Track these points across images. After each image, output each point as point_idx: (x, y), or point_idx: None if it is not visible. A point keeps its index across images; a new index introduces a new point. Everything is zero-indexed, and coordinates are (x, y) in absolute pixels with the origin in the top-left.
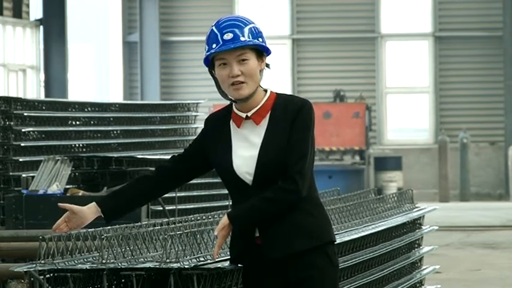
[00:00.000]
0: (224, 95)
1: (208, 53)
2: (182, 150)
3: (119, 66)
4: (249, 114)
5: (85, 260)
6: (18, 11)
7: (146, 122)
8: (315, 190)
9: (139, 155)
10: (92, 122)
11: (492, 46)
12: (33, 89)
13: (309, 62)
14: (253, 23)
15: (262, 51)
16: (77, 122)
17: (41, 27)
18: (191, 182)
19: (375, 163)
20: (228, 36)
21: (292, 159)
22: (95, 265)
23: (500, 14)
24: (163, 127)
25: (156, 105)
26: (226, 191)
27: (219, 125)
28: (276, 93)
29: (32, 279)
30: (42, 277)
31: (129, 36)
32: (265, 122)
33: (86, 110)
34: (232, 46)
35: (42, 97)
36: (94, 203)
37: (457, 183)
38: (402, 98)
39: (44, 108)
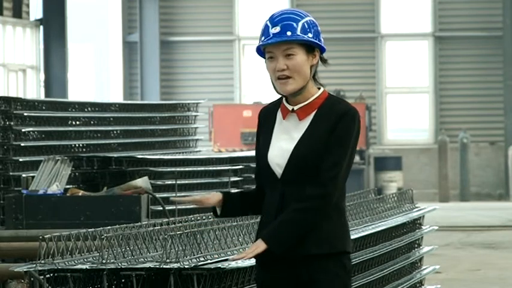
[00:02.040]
0: (275, 87)
1: (258, 45)
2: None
3: (119, 66)
4: (295, 108)
5: (85, 260)
6: (18, 11)
7: (146, 122)
8: (343, 199)
9: (139, 155)
10: (92, 122)
11: (492, 46)
12: (33, 89)
13: None
14: (307, 17)
15: (313, 47)
16: (77, 122)
17: (41, 27)
18: (191, 182)
19: (375, 163)
20: (276, 29)
21: (326, 165)
22: (95, 265)
23: (500, 14)
24: (163, 127)
25: (156, 105)
26: (226, 191)
27: (268, 116)
28: (329, 93)
29: (32, 279)
30: (42, 277)
31: (129, 36)
32: (308, 119)
33: (86, 110)
34: (278, 40)
35: (42, 97)
36: (220, 193)
37: (457, 183)
38: (402, 98)
39: (44, 108)
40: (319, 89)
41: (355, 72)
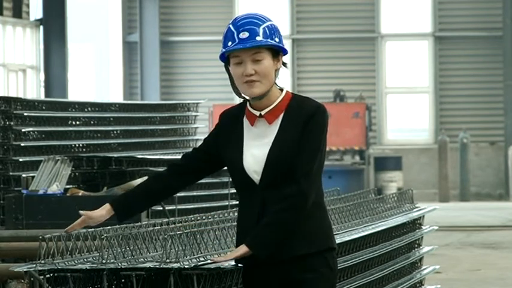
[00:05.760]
0: (238, 92)
1: (223, 50)
2: (186, 150)
3: (119, 66)
4: (263, 112)
5: (85, 260)
6: (18, 11)
7: (146, 122)
8: (321, 195)
9: (139, 155)
10: (92, 122)
11: (492, 46)
12: (33, 89)
13: (309, 62)
14: (270, 21)
15: (278, 51)
16: (77, 122)
17: (41, 27)
18: None
19: (375, 163)
20: (244, 35)
21: (299, 163)
22: (95, 265)
23: (500, 14)
24: (163, 127)
25: (156, 105)
26: (226, 191)
27: (233, 122)
28: (292, 93)
29: (32, 279)
30: (42, 277)
31: (129, 36)
32: (277, 122)
33: (86, 110)
34: (247, 46)
35: (42, 97)
36: (108, 203)
37: (457, 183)
38: (402, 98)
39: (44, 108)
40: (281, 90)
41: (355, 72)
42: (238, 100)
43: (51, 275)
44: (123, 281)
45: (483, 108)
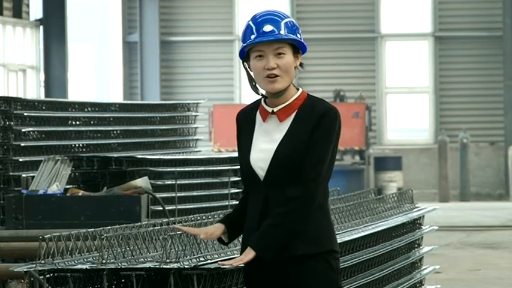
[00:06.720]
0: (255, 89)
1: (246, 43)
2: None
3: (119, 66)
4: (275, 109)
5: (85, 260)
6: (18, 11)
7: (146, 122)
8: (326, 198)
9: (139, 155)
10: (92, 122)
11: (492, 46)
12: (33, 89)
13: (309, 62)
14: (289, 18)
15: (298, 48)
16: (77, 122)
17: (41, 27)
18: (191, 182)
19: (375, 163)
20: (268, 28)
21: (308, 165)
22: (95, 265)
23: (500, 14)
24: (163, 127)
25: (156, 105)
26: (226, 191)
27: (246, 118)
28: (308, 94)
29: (32, 279)
30: (42, 277)
31: (129, 36)
32: (289, 120)
33: (86, 110)
34: (272, 38)
35: (42, 97)
36: (220, 223)
37: (457, 183)
38: (402, 98)
39: (44, 108)
40: (297, 89)
41: (355, 72)
42: (238, 100)
43: (51, 275)
44: (123, 281)
45: (483, 108)
